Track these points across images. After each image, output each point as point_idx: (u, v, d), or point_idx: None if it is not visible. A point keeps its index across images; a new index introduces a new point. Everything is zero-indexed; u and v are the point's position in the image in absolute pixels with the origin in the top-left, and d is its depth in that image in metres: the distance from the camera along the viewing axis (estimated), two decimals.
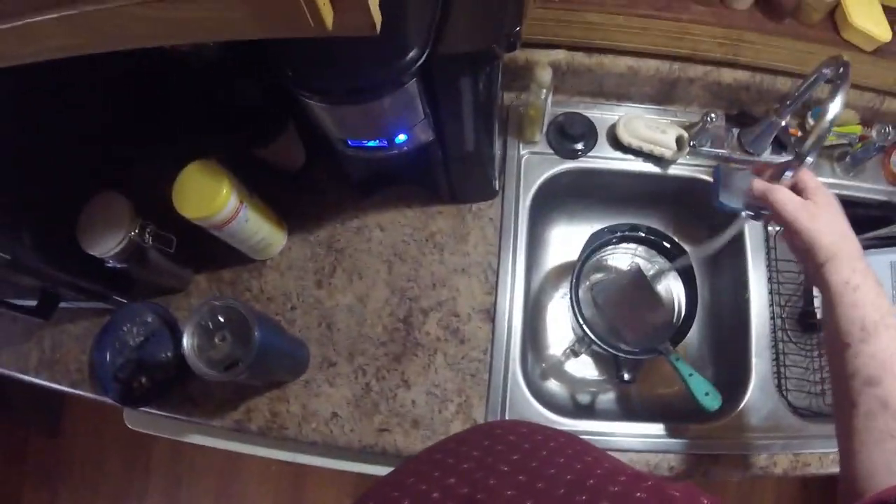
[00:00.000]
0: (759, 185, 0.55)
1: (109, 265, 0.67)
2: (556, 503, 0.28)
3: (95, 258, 0.65)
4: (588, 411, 0.82)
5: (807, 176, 0.54)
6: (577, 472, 0.31)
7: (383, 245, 0.75)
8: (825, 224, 0.50)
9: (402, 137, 0.61)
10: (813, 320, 0.86)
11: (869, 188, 0.84)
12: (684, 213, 0.87)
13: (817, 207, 0.51)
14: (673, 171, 0.79)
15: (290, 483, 1.50)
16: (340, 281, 0.74)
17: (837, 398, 0.44)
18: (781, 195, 0.52)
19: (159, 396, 0.72)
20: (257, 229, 0.70)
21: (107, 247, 0.64)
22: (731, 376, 0.78)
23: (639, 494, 0.26)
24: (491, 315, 0.72)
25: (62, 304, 0.73)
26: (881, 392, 0.40)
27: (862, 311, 0.44)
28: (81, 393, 0.76)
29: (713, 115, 0.74)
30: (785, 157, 0.81)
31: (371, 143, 0.62)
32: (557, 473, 0.31)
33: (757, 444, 0.72)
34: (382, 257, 0.75)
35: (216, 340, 0.56)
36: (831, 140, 0.82)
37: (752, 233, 0.79)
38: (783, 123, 0.74)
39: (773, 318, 0.80)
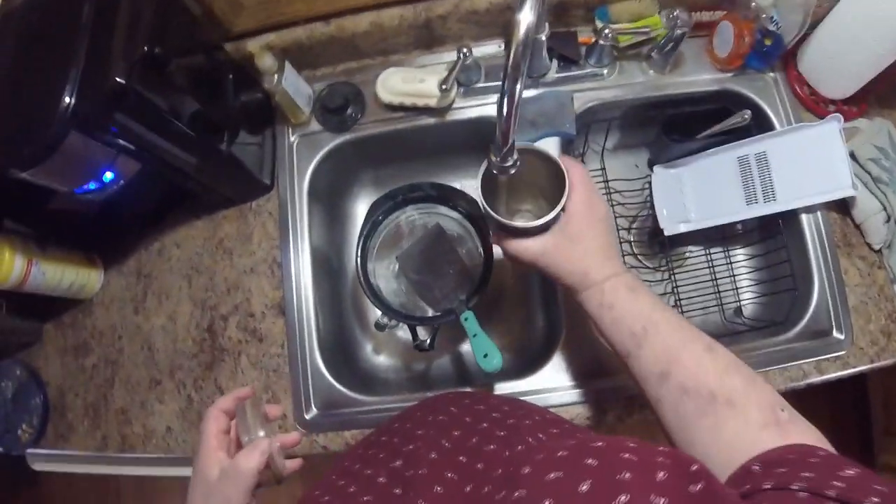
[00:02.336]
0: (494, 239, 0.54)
1: None
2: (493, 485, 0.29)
3: None
4: (422, 380, 0.80)
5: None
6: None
7: (181, 261, 0.77)
8: (557, 258, 0.48)
9: (108, 175, 0.61)
10: (662, 238, 0.79)
11: (692, 81, 0.74)
12: None
13: (548, 240, 0.48)
14: (457, 115, 0.74)
15: None
16: (152, 304, 0.77)
17: (649, 402, 0.44)
18: (512, 247, 0.50)
19: (40, 437, 0.80)
20: (60, 277, 0.74)
21: None
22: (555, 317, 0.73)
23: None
24: (282, 309, 0.72)
25: None
26: (674, 382, 0.40)
27: (627, 324, 0.44)
28: None
29: (466, 49, 0.68)
30: (576, 71, 0.74)
31: (92, 187, 0.63)
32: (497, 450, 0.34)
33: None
34: (182, 273, 0.76)
35: None
36: (628, 40, 0.73)
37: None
38: (543, 37, 0.67)
39: None
